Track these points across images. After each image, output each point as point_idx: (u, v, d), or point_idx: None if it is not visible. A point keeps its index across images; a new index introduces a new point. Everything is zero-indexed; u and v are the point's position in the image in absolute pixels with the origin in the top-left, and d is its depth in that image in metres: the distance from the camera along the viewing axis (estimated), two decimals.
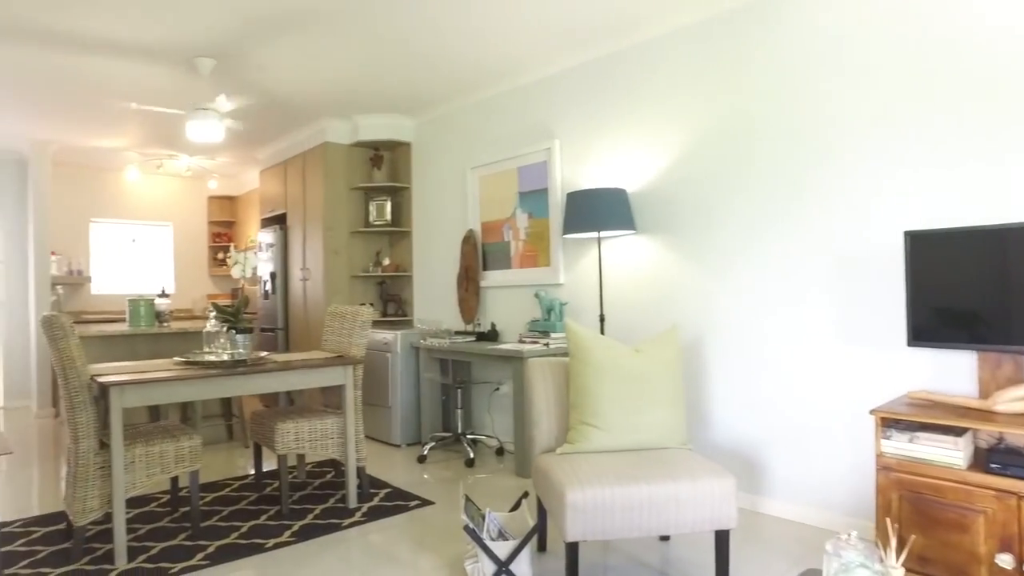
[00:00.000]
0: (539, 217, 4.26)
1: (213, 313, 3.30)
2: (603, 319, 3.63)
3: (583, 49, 3.85)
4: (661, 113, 3.55)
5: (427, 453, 4.22)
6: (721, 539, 2.22)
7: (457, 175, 4.96)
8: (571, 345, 2.60)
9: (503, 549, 2.27)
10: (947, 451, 2.11)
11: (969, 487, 2.05)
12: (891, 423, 2.29)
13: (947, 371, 2.52)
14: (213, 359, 3.10)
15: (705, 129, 3.34)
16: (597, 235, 3.69)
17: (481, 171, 4.72)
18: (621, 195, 3.51)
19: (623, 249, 3.74)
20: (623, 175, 3.75)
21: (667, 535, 2.78)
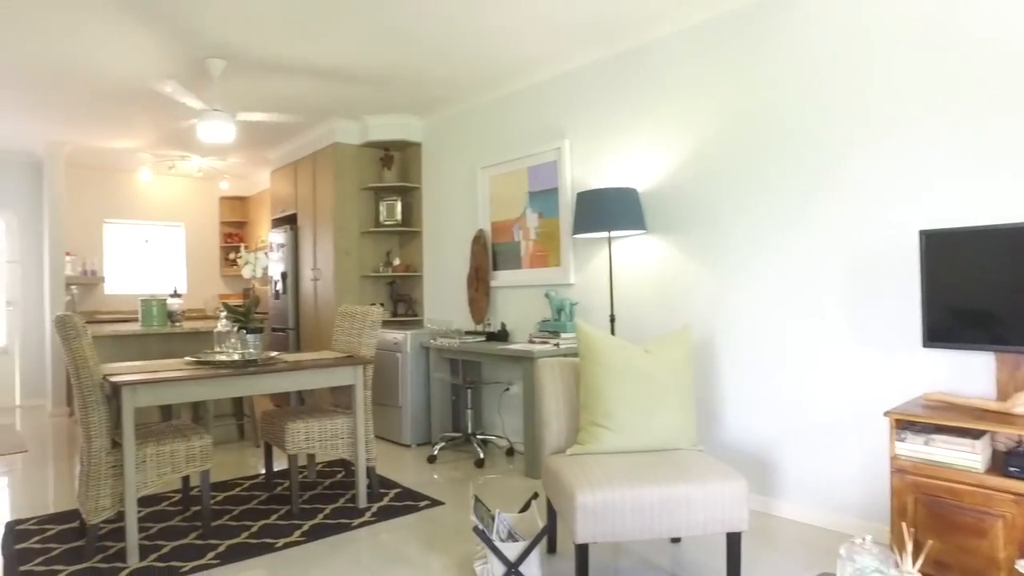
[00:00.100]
0: (549, 217, 4.25)
1: (224, 313, 3.31)
2: (613, 319, 3.61)
3: (593, 48, 3.83)
4: (672, 112, 3.52)
5: (437, 453, 4.22)
6: (733, 541, 2.20)
7: (467, 175, 4.95)
8: (581, 345, 2.58)
9: (513, 550, 2.26)
10: (964, 454, 2.07)
11: (987, 491, 2.01)
12: (906, 425, 2.25)
13: (964, 372, 2.48)
14: (224, 359, 3.11)
15: (716, 128, 3.31)
16: (607, 235, 3.67)
17: (491, 171, 4.71)
18: (631, 195, 3.49)
19: (634, 249, 3.72)
20: (633, 174, 3.72)
21: (678, 537, 2.77)
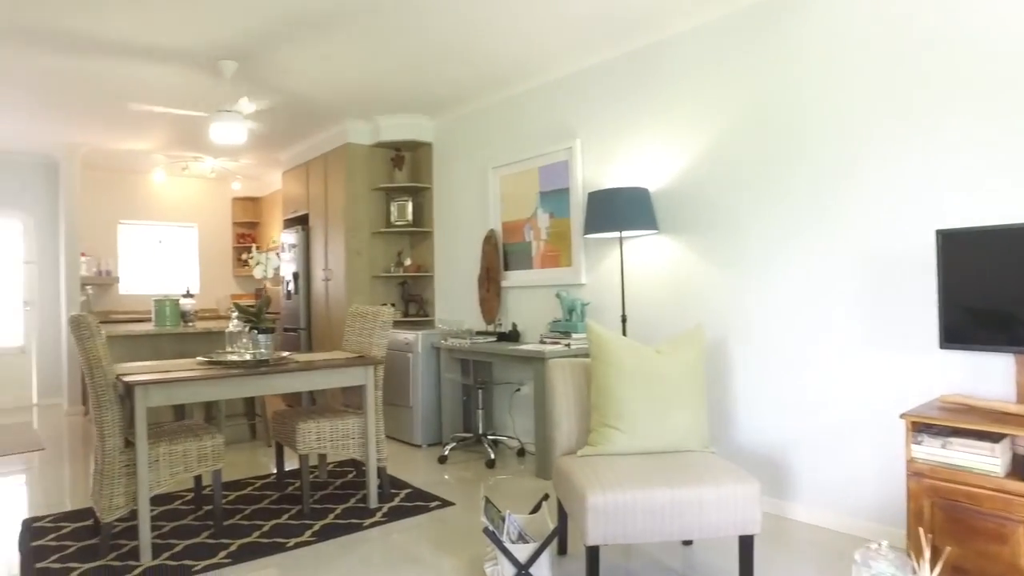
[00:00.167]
0: (560, 217, 4.23)
1: (235, 313, 3.33)
2: (625, 320, 3.59)
3: (606, 46, 3.81)
4: (684, 111, 3.49)
5: (448, 454, 4.22)
6: (745, 544, 2.17)
7: (478, 175, 4.95)
8: (592, 346, 2.57)
9: (523, 552, 2.25)
10: (983, 457, 2.04)
11: (1008, 496, 1.97)
12: (922, 427, 2.21)
13: (982, 374, 2.43)
14: (235, 359, 3.13)
15: (729, 127, 3.28)
16: (619, 235, 3.65)
17: (502, 171, 4.71)
18: (643, 194, 3.47)
19: (645, 249, 3.70)
20: (645, 174, 3.70)
21: (690, 540, 2.74)
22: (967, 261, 2.30)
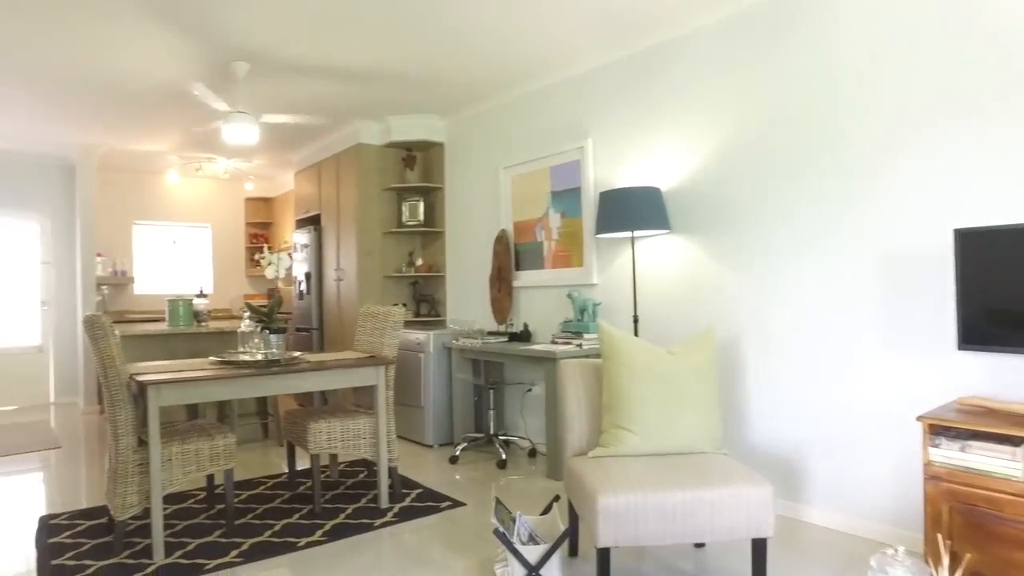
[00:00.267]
0: (572, 217, 4.21)
1: (247, 313, 3.34)
2: (637, 320, 3.56)
3: (617, 45, 3.79)
4: (696, 110, 3.46)
5: (459, 454, 4.22)
6: (758, 547, 2.15)
7: (489, 175, 4.94)
8: (604, 346, 2.55)
9: (533, 553, 2.24)
10: (1004, 461, 1.99)
11: None
12: (940, 430, 2.18)
13: (1001, 376, 2.39)
14: (247, 359, 3.14)
15: (742, 127, 3.25)
16: (631, 235, 3.63)
17: (513, 171, 4.70)
18: (655, 194, 3.44)
19: (657, 249, 3.67)
20: (657, 174, 3.67)
21: (702, 542, 2.71)
22: (985, 261, 2.25)
